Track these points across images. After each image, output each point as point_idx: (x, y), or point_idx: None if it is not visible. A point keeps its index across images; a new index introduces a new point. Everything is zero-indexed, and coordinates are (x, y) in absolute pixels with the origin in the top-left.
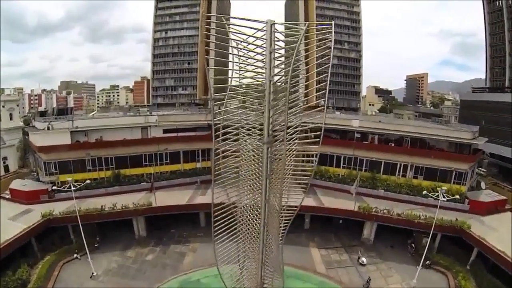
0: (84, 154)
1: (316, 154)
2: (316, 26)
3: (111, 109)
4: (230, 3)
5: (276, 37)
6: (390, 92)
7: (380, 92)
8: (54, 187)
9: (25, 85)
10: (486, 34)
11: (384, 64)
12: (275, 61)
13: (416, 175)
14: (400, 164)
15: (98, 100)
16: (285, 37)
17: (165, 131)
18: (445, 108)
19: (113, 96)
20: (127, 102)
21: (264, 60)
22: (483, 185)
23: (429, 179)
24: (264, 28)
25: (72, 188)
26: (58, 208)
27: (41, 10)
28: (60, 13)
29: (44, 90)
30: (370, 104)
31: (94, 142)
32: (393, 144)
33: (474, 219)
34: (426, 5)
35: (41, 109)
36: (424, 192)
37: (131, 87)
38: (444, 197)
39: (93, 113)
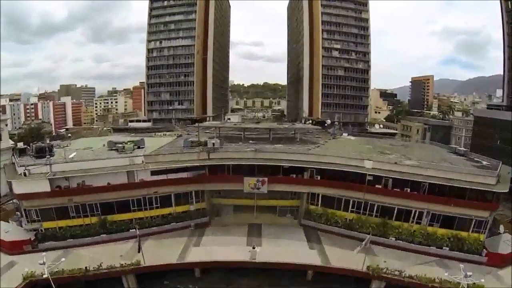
0: (66, 200)
1: None
2: None
3: (109, 118)
4: (230, 5)
5: None
6: (395, 95)
7: (385, 95)
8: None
9: (29, 85)
10: (505, 45)
11: (387, 62)
12: None
13: (432, 222)
14: (415, 211)
15: (96, 107)
16: None
17: (153, 173)
18: (456, 119)
19: (111, 103)
20: (125, 109)
21: None
22: (501, 228)
23: (445, 227)
24: None
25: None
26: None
27: (45, 11)
28: (63, 13)
29: (44, 93)
30: (376, 112)
31: (75, 189)
32: (409, 189)
33: (491, 274)
34: (431, 4)
35: (20, 144)
36: (444, 278)
37: (131, 89)
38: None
39: (73, 154)
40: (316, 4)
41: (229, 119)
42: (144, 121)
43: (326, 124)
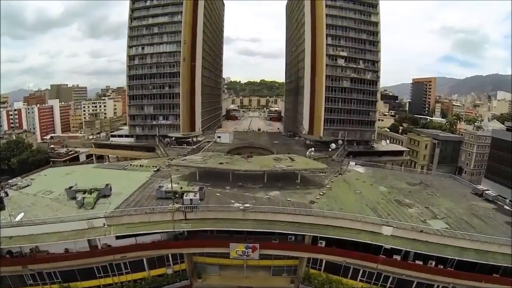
0: (20, 268)
1: None
2: None
3: (96, 124)
4: (224, 4)
5: None
6: (396, 97)
7: (386, 97)
8: None
9: (25, 80)
10: None
11: (383, 59)
12: None
13: None
14: (438, 285)
15: (84, 111)
16: None
17: (119, 236)
18: (467, 134)
19: (100, 107)
20: (115, 113)
21: None
22: None
23: None
24: None
25: None
26: None
27: (40, 6)
28: (59, 9)
29: (38, 91)
30: (379, 119)
31: (28, 257)
32: (434, 262)
33: None
34: (428, 2)
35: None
36: None
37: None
38: None
39: (20, 215)
40: (319, 5)
41: (219, 137)
42: (126, 136)
43: (330, 149)
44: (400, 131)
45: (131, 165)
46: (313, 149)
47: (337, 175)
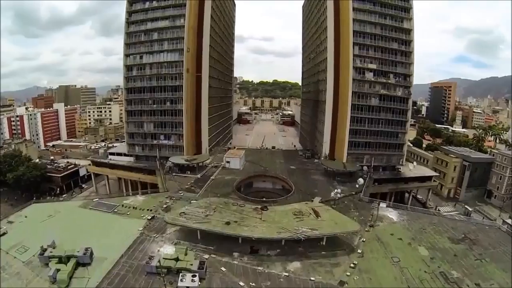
0: None
1: None
2: None
3: (100, 132)
4: (235, 4)
5: None
6: (414, 103)
7: None
8: None
9: (39, 77)
10: None
11: None
12: None
13: None
14: None
15: (89, 115)
16: None
17: None
18: (499, 155)
19: (105, 112)
20: (121, 117)
21: None
22: None
23: None
24: None
25: None
26: None
27: (54, 5)
28: (73, 7)
29: (49, 89)
30: None
31: None
32: None
33: None
34: (442, 2)
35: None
36: None
37: None
38: None
39: None
40: (345, 6)
41: (228, 162)
42: (125, 155)
43: (358, 185)
44: (424, 146)
45: (123, 205)
46: (339, 190)
47: (369, 228)
